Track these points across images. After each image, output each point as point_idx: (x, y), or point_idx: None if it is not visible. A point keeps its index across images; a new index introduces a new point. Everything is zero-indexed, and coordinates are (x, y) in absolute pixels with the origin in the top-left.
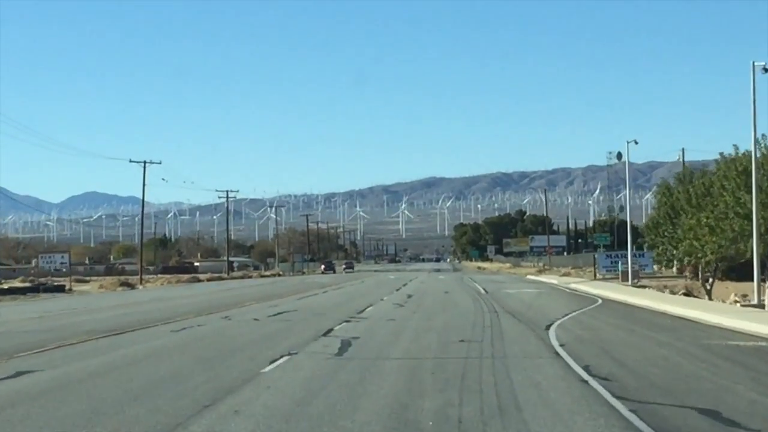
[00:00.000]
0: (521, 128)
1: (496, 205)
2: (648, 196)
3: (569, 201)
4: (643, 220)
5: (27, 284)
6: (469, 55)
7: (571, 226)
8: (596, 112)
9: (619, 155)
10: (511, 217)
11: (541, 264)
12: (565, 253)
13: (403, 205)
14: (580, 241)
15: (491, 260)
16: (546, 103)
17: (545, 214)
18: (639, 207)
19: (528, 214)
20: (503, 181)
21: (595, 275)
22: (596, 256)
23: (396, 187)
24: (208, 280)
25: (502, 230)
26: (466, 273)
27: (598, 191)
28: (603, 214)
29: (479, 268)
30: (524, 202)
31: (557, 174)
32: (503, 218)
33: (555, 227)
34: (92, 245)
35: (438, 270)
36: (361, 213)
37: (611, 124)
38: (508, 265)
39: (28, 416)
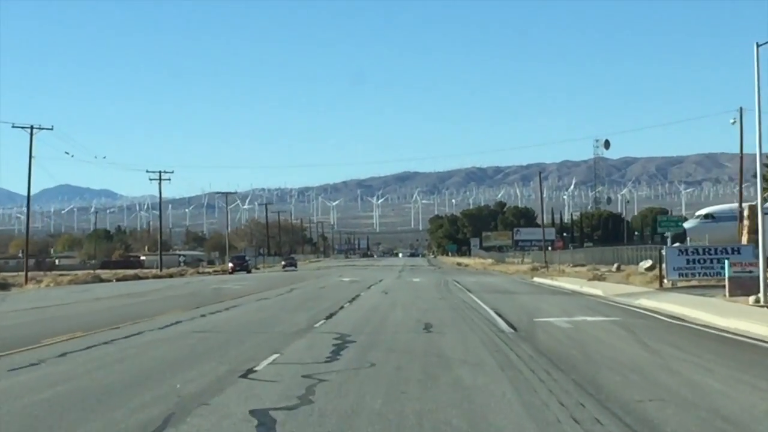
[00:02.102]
0: (496, 123)
1: (470, 199)
2: (624, 191)
3: (545, 196)
4: (629, 215)
5: None
6: (441, 51)
7: (555, 219)
8: (571, 108)
9: (607, 143)
10: (490, 209)
11: (530, 260)
12: (549, 248)
13: (377, 200)
14: (565, 234)
15: (470, 255)
16: (520, 99)
17: (541, 203)
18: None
19: (509, 206)
20: (478, 176)
21: (661, 282)
22: (665, 251)
23: (370, 181)
24: (118, 279)
25: (481, 223)
26: (446, 272)
27: (572, 186)
28: (590, 206)
29: (458, 264)
30: (499, 196)
31: (532, 169)
32: (482, 210)
33: (539, 221)
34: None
35: (413, 267)
36: (335, 207)
37: (586, 119)
38: (490, 260)
39: None
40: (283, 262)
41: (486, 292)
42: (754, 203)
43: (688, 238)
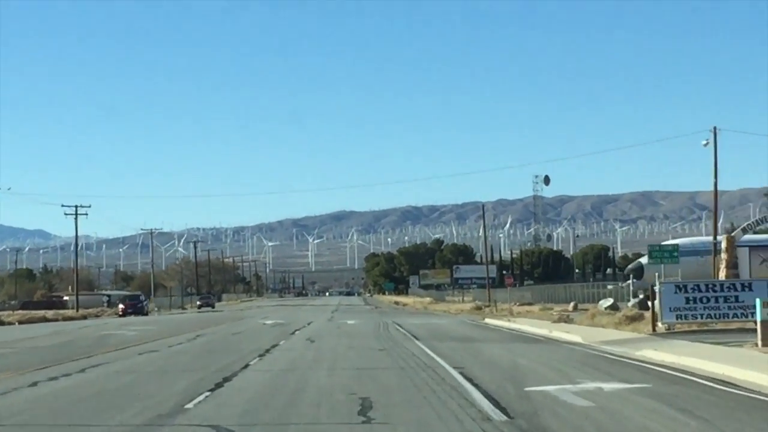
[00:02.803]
0: (431, 162)
1: (406, 238)
2: (560, 229)
3: (480, 234)
4: (570, 253)
5: None
6: (375, 89)
7: (495, 257)
8: (506, 147)
9: (547, 179)
10: (427, 246)
11: (470, 298)
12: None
13: (313, 239)
14: (505, 272)
15: (407, 293)
16: (456, 138)
17: (485, 239)
18: (554, 239)
19: (446, 243)
20: (413, 215)
21: (654, 326)
22: (659, 288)
23: (306, 220)
24: (22, 322)
25: (418, 261)
26: (385, 312)
27: (509, 224)
28: (529, 244)
29: (396, 303)
30: (434, 235)
31: (467, 207)
32: (419, 247)
33: (477, 258)
34: None
35: (348, 307)
36: (270, 246)
37: (522, 158)
38: (428, 299)
39: None
40: (198, 302)
41: (438, 340)
42: (732, 234)
43: (661, 276)
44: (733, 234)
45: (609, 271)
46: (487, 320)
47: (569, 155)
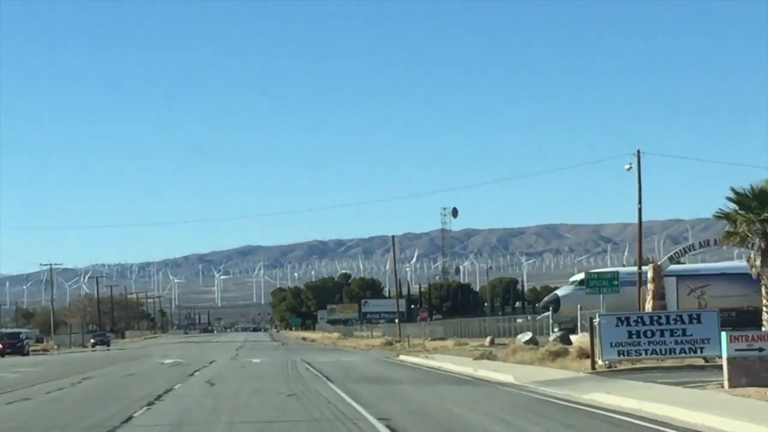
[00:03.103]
0: (336, 196)
1: (313, 272)
2: (467, 263)
3: (387, 268)
4: (477, 286)
5: None
6: (278, 124)
7: (403, 291)
8: (412, 179)
9: (455, 211)
10: (335, 281)
11: (380, 333)
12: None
13: (219, 274)
14: (413, 306)
15: (314, 329)
16: (358, 170)
17: (395, 272)
18: (462, 273)
19: (354, 277)
20: (319, 249)
21: (594, 363)
22: (598, 320)
23: (211, 256)
24: None
25: (325, 295)
26: (293, 349)
27: (415, 258)
28: (437, 277)
29: (304, 338)
30: (341, 269)
31: (374, 242)
32: (327, 282)
33: (385, 292)
34: None
35: (254, 343)
36: (176, 282)
37: (430, 191)
38: (337, 335)
39: None
40: (92, 340)
41: (354, 381)
42: (659, 263)
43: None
44: (659, 263)
45: (518, 304)
46: (402, 357)
47: (476, 185)
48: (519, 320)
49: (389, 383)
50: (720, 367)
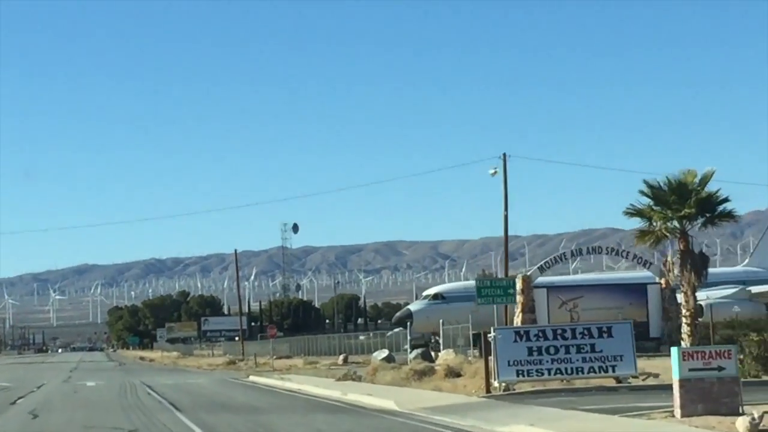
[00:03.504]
0: (174, 214)
1: (150, 291)
2: (306, 280)
3: (225, 286)
4: (317, 303)
5: None
6: (110, 145)
7: (243, 308)
8: (246, 194)
9: (295, 227)
10: (173, 298)
11: (221, 351)
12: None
13: (55, 293)
14: (253, 324)
15: (152, 348)
16: (193, 189)
17: (237, 289)
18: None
19: (193, 295)
20: (157, 268)
21: (488, 386)
22: (494, 335)
23: (46, 275)
24: None
25: (164, 313)
26: (131, 370)
27: (253, 276)
28: (277, 294)
29: (142, 358)
30: (178, 287)
31: (211, 259)
32: (165, 299)
33: (225, 310)
34: None
35: (90, 363)
36: (10, 302)
37: (268, 209)
38: (176, 353)
39: None
40: None
41: (207, 410)
42: (528, 273)
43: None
44: (528, 273)
45: (360, 320)
46: (254, 378)
47: (316, 194)
48: (362, 337)
49: (251, 413)
50: (635, 389)
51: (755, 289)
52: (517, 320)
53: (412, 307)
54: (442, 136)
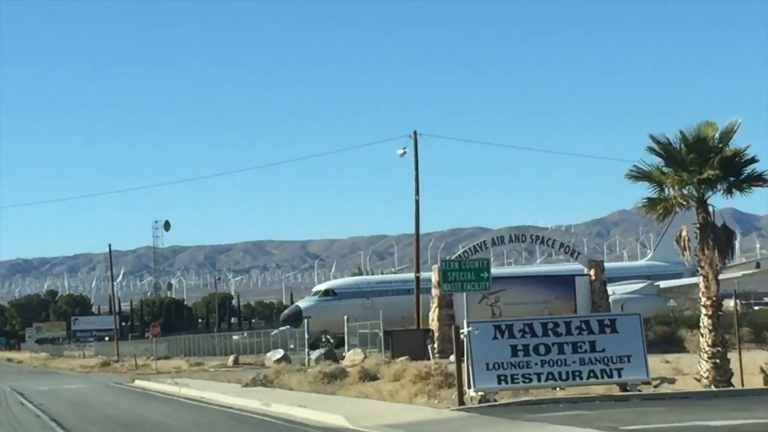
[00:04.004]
0: (40, 214)
1: (17, 291)
2: (175, 280)
3: (93, 286)
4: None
5: None
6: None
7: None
8: (124, 197)
9: (167, 224)
10: (41, 298)
11: (92, 352)
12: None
13: None
14: (124, 324)
15: (19, 348)
16: (63, 188)
17: (112, 288)
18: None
19: (61, 294)
20: (23, 268)
21: (461, 396)
22: (467, 330)
23: None
24: None
25: (31, 313)
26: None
27: (121, 275)
28: (149, 294)
29: (9, 359)
30: (46, 287)
31: (80, 259)
32: (32, 299)
33: (94, 309)
34: None
35: None
36: None
37: (138, 208)
38: (45, 355)
39: None
40: None
41: (99, 428)
42: (446, 260)
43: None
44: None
45: (234, 320)
46: (141, 383)
47: (186, 207)
48: (235, 337)
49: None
50: (649, 398)
51: (663, 283)
52: (433, 316)
53: (302, 303)
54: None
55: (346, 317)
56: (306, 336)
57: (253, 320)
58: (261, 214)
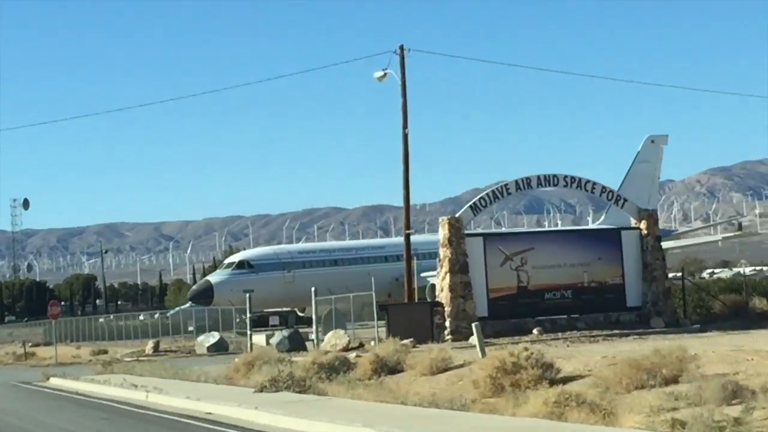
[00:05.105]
0: None
1: None
2: (26, 263)
3: None
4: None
5: None
6: None
7: None
8: None
9: (26, 203)
10: None
11: None
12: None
13: None
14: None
15: None
16: None
17: None
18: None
19: None
20: None
21: None
22: None
23: None
24: None
25: None
26: None
27: None
28: (9, 276)
29: None
30: None
31: None
32: None
33: None
34: None
35: None
36: None
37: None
38: None
39: None
40: None
41: None
42: (458, 215)
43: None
44: (457, 215)
45: (99, 301)
46: (60, 381)
47: (35, 181)
48: (101, 320)
49: None
50: None
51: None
52: (442, 285)
53: (213, 278)
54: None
55: (313, 288)
56: (248, 314)
57: (119, 302)
58: (114, 195)
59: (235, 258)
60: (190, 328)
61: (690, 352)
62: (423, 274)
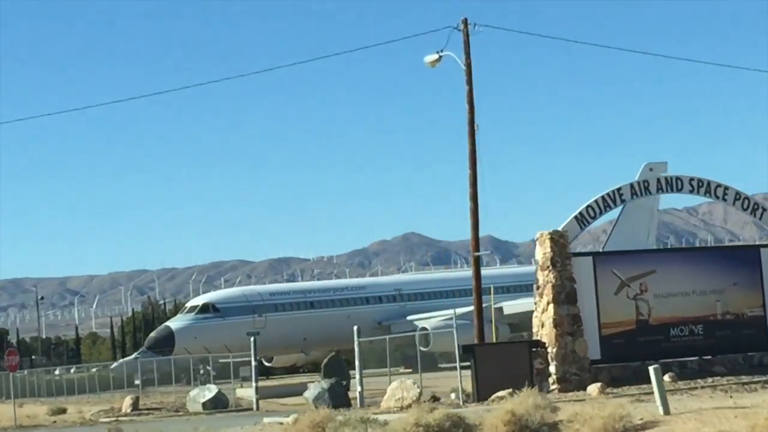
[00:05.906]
0: None
1: None
2: None
3: None
4: None
5: None
6: None
7: None
8: None
9: None
10: None
11: None
12: None
13: None
14: None
15: None
16: None
17: None
18: None
19: None
20: None
21: None
22: None
23: None
24: None
25: None
26: None
27: None
28: None
29: None
30: None
31: None
32: None
33: None
34: None
35: None
36: None
37: None
38: None
39: None
40: None
41: None
42: (562, 227)
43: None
44: (561, 228)
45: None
46: None
47: None
48: (57, 372)
49: None
50: None
51: None
52: (543, 319)
53: (173, 324)
54: None
55: (356, 328)
56: (253, 363)
57: (33, 357)
58: (18, 250)
59: (199, 301)
60: (137, 382)
61: None
62: (410, 318)
